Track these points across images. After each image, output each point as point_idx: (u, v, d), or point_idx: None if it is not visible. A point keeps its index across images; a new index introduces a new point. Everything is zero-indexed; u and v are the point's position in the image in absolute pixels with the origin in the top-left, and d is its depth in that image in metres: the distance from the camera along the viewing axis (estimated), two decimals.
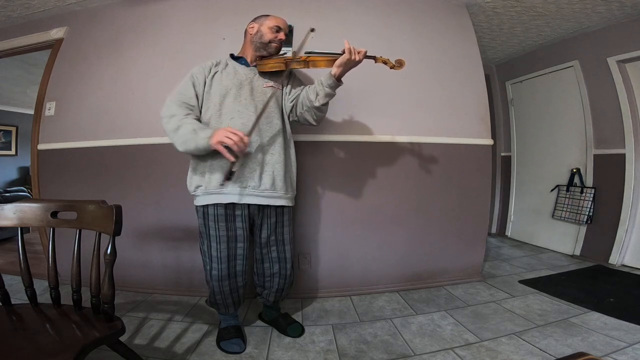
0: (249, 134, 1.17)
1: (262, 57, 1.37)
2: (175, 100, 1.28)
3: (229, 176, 1.17)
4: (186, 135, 1.20)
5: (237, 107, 1.29)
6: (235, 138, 1.11)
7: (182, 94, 1.30)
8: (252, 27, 1.38)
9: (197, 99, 1.31)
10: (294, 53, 1.28)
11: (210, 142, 1.15)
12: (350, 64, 1.19)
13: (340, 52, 1.20)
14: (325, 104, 1.29)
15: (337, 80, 1.23)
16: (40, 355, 0.70)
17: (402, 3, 2.09)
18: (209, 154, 1.25)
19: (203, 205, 1.30)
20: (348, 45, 1.17)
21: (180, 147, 1.22)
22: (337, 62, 1.19)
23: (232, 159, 1.13)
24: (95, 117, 2.01)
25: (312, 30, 1.28)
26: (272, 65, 1.31)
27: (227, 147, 1.13)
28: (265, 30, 1.35)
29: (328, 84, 1.23)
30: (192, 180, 1.32)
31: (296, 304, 1.80)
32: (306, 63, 1.29)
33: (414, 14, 2.10)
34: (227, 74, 1.34)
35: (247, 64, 1.39)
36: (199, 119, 1.30)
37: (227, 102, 1.30)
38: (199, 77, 1.32)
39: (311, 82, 1.32)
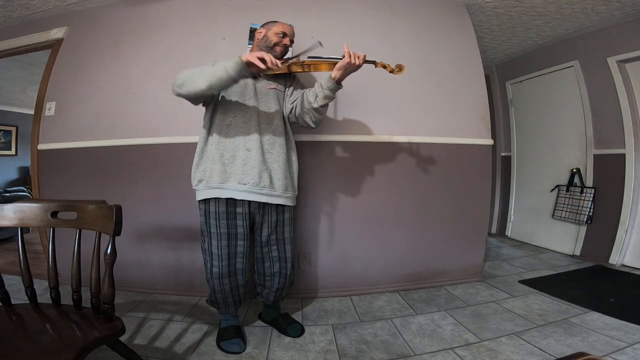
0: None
1: None
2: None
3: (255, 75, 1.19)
4: (209, 69, 1.15)
5: (240, 106, 1.34)
6: (267, 57, 1.11)
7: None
8: (260, 32, 1.42)
9: None
10: (297, 57, 1.31)
11: (242, 58, 1.11)
12: (350, 68, 1.21)
13: (340, 56, 1.21)
14: (324, 106, 1.31)
15: (337, 83, 1.25)
16: (40, 355, 0.70)
17: (402, 2, 2.09)
18: (213, 145, 1.29)
19: (204, 201, 1.32)
20: (347, 49, 1.19)
21: (204, 83, 1.15)
22: (338, 65, 1.21)
23: (263, 66, 1.12)
24: (95, 117, 2.01)
25: (321, 44, 1.34)
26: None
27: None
28: (272, 35, 1.38)
29: (328, 87, 1.25)
30: (196, 175, 1.34)
31: (296, 304, 1.80)
32: (308, 66, 1.32)
33: (414, 13, 2.10)
34: None
35: None
36: None
37: (231, 101, 1.34)
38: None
39: (313, 86, 1.35)
